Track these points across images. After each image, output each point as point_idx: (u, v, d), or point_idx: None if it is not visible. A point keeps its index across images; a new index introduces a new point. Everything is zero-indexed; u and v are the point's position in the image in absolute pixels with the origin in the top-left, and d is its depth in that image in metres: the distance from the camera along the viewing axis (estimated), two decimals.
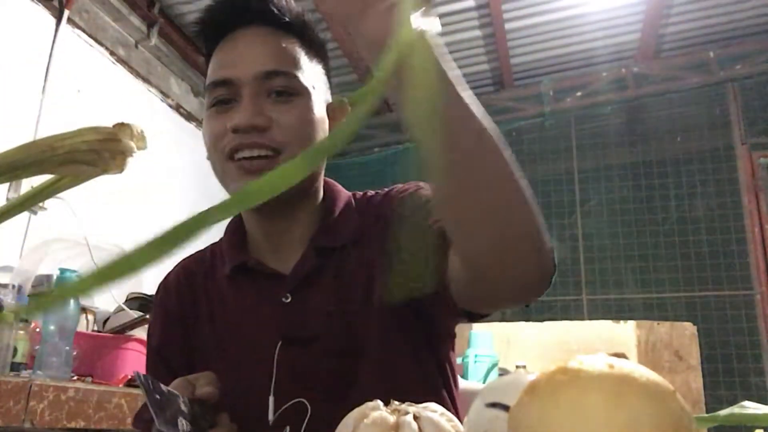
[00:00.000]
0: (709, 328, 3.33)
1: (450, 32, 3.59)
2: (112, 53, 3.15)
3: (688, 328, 2.72)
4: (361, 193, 0.98)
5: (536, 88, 4.02)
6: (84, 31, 2.97)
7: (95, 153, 0.37)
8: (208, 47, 0.91)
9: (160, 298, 1.01)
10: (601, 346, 2.48)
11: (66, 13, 2.79)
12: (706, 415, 0.40)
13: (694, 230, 3.65)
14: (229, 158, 0.84)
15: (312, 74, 0.89)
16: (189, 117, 3.78)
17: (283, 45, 0.87)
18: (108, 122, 0.43)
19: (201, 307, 0.95)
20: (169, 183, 3.52)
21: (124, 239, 2.72)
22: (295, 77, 0.85)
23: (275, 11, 0.88)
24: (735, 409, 0.41)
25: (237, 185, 0.83)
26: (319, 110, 0.88)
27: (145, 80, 3.39)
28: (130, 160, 0.41)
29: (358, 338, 0.85)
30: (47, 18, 2.75)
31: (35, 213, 2.54)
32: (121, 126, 0.38)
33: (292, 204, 0.89)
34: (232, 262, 0.92)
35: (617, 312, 3.58)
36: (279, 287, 0.88)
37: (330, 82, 0.95)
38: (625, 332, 2.60)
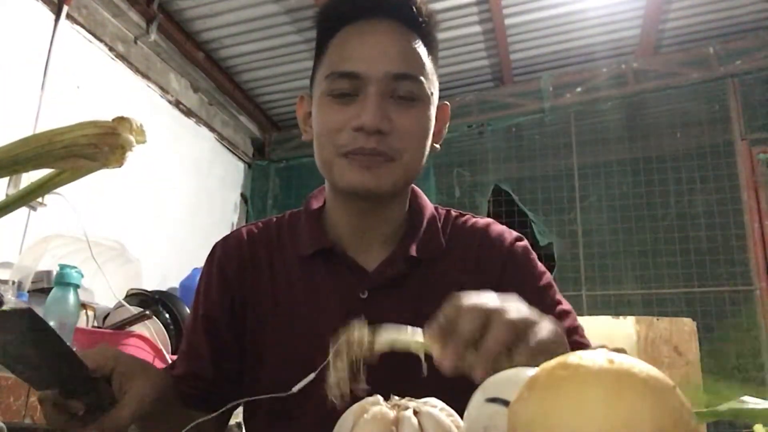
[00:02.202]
0: (709, 323, 3.34)
1: (449, 28, 3.58)
2: (111, 49, 3.14)
3: (688, 324, 2.72)
4: (443, 209, 0.99)
5: (536, 84, 4.01)
6: (83, 26, 2.96)
7: (94, 147, 0.36)
8: (326, 31, 0.89)
9: (219, 259, 0.96)
10: (600, 341, 2.48)
11: (65, 9, 2.78)
12: (706, 409, 0.40)
13: (694, 226, 3.64)
14: (342, 155, 0.83)
15: (433, 79, 0.89)
16: (188, 113, 3.77)
17: (414, 47, 0.86)
18: (107, 118, 0.43)
19: (263, 281, 0.92)
20: (169, 179, 3.51)
21: (124, 235, 2.72)
22: (421, 83, 0.85)
23: (410, 9, 0.86)
24: (734, 404, 0.41)
25: (349, 176, 0.83)
26: (433, 116, 0.89)
27: (145, 76, 3.39)
28: (129, 157, 0.41)
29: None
30: (46, 14, 2.74)
31: (35, 209, 2.54)
32: (121, 120, 0.38)
33: (389, 201, 0.90)
34: (317, 245, 0.90)
35: (617, 307, 3.58)
36: (359, 282, 0.88)
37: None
38: (625, 328, 2.60)
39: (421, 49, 0.87)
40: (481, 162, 4.13)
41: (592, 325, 2.69)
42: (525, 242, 0.96)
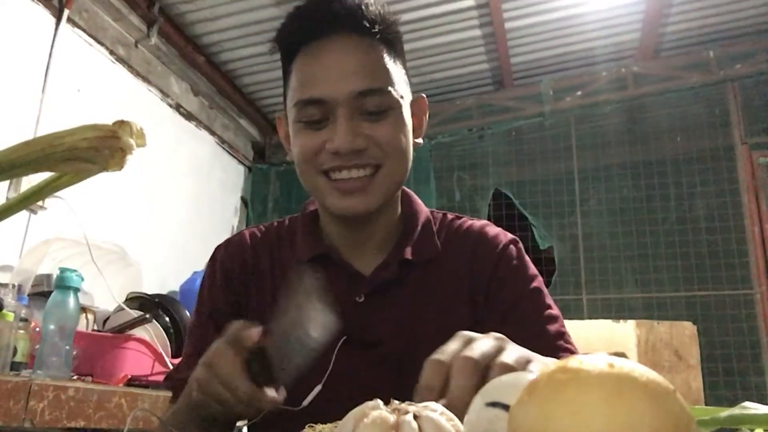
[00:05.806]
0: (709, 327, 3.33)
1: (449, 32, 3.58)
2: (111, 52, 3.15)
3: (688, 328, 2.72)
4: (439, 213, 1.00)
5: (536, 88, 4.01)
6: (84, 30, 2.97)
7: (95, 150, 0.37)
8: (287, 56, 0.90)
9: (221, 261, 0.97)
10: (601, 345, 2.48)
11: (66, 12, 2.79)
12: (706, 417, 0.40)
13: (694, 230, 3.64)
14: (324, 174, 0.85)
15: (400, 82, 0.87)
16: (189, 116, 3.78)
17: (373, 57, 0.85)
18: (108, 121, 0.43)
19: (265, 286, 0.94)
20: (169, 182, 3.52)
21: (124, 238, 2.72)
22: (387, 93, 0.84)
23: (362, 18, 0.85)
24: (735, 411, 0.40)
25: (335, 202, 0.85)
26: (408, 116, 0.88)
27: (145, 80, 3.39)
28: (129, 160, 0.41)
29: (419, 353, 0.85)
30: (47, 17, 2.74)
31: (35, 212, 2.54)
32: (121, 123, 0.38)
33: (378, 211, 0.89)
34: (314, 250, 0.92)
35: (617, 311, 3.58)
36: (354, 286, 0.89)
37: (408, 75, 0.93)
38: (625, 332, 2.60)
39: (381, 56, 0.85)
40: (481, 166, 4.13)
41: (592, 329, 2.70)
42: (519, 244, 0.96)
